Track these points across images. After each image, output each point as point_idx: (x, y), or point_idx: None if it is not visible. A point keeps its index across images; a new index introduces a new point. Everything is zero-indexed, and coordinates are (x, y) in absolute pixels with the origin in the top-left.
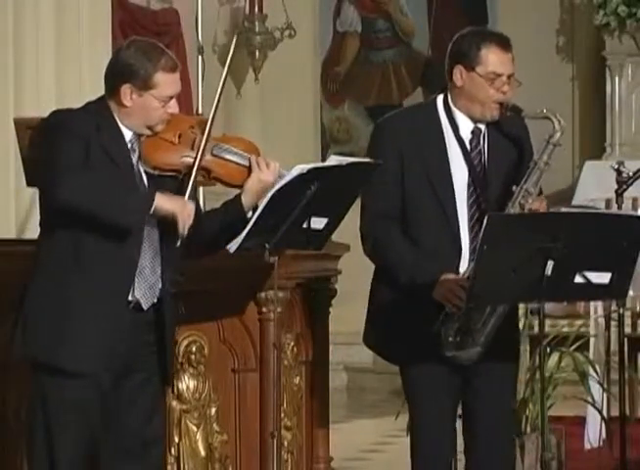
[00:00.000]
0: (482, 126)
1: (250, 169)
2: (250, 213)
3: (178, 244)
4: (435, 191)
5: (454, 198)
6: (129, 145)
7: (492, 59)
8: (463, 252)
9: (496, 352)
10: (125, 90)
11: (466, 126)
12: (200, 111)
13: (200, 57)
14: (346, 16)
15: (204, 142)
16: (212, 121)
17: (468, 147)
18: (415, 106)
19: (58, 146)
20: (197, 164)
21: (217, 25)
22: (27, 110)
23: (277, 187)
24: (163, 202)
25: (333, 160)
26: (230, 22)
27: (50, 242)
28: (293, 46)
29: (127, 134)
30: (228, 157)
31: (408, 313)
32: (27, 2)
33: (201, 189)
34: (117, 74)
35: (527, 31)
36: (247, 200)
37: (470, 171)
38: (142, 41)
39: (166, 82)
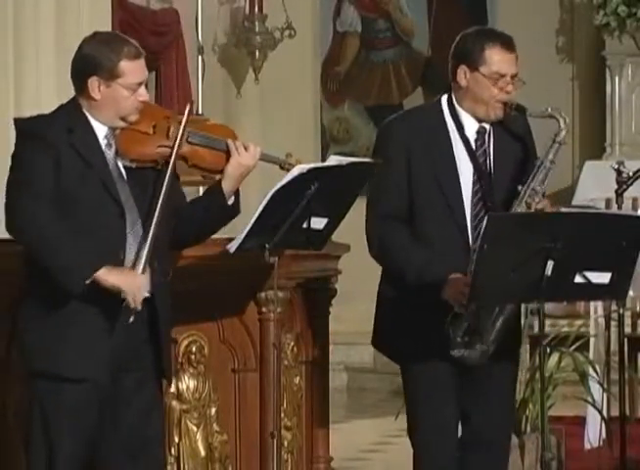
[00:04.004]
0: (487, 126)
1: (228, 154)
2: (231, 200)
3: (130, 320)
4: (442, 189)
5: (461, 196)
6: (105, 141)
7: (496, 59)
8: (471, 248)
9: (497, 356)
10: (93, 83)
11: (471, 126)
12: (200, 111)
13: (200, 57)
14: (346, 16)
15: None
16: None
17: (473, 146)
18: (419, 107)
19: (24, 163)
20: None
21: (217, 25)
22: (27, 110)
23: (277, 187)
24: (107, 275)
25: (333, 160)
26: (230, 22)
27: None
28: (293, 46)
29: (102, 130)
30: (204, 143)
31: (415, 313)
32: (27, 2)
33: (200, 188)
34: (82, 69)
35: (527, 31)
36: (227, 185)
37: (475, 170)
38: (102, 33)
39: (132, 70)
